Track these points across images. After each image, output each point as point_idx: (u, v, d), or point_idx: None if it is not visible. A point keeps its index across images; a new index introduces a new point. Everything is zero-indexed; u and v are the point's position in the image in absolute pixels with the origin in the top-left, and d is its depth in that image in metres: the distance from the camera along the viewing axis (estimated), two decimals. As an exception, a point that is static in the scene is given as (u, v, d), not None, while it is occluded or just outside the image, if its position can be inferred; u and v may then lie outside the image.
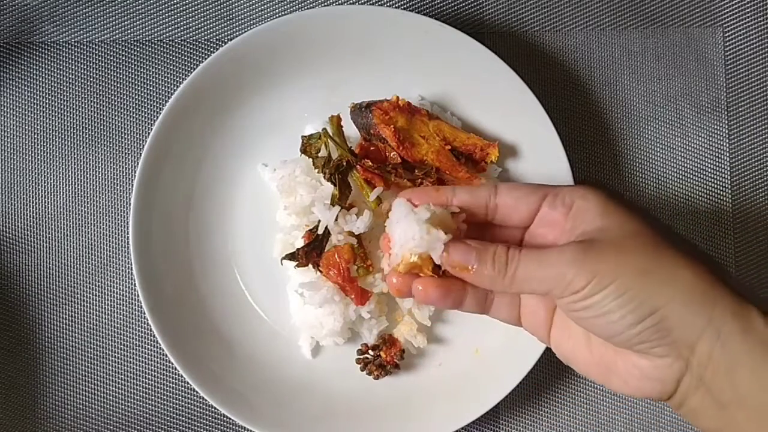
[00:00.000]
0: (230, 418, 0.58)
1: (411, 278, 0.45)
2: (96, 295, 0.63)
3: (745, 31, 0.67)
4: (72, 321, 0.63)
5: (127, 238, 0.61)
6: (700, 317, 0.39)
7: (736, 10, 0.67)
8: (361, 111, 0.58)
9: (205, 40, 0.65)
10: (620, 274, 0.39)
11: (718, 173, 0.66)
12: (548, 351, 0.57)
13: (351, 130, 0.60)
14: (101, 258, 0.64)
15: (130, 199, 0.62)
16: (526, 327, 0.48)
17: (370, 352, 0.60)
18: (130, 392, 0.63)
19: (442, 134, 0.59)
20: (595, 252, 0.40)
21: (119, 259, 0.64)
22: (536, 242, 0.46)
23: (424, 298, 0.45)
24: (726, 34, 0.67)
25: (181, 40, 0.65)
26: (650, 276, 0.39)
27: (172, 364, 0.59)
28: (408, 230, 0.44)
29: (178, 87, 0.59)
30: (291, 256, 0.58)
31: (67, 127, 0.64)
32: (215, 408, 0.58)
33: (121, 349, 0.63)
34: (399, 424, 0.60)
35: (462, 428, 0.58)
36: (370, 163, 0.57)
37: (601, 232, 0.41)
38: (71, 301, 0.63)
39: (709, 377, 0.39)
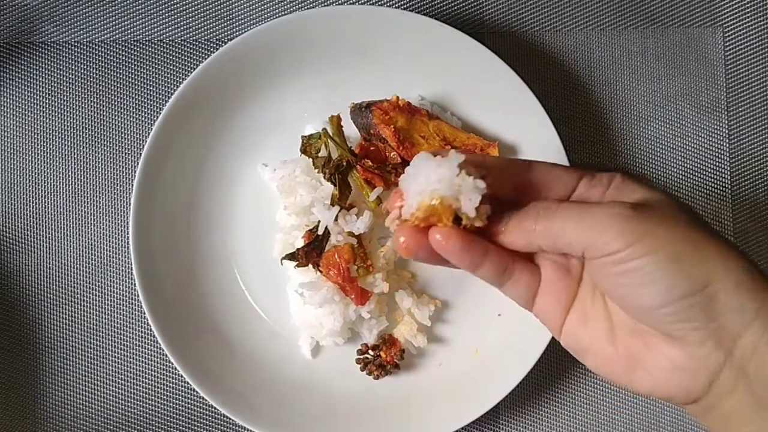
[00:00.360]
0: (230, 418, 0.58)
1: (423, 236, 0.38)
2: (96, 295, 0.63)
3: (745, 31, 0.67)
4: (72, 321, 0.63)
5: (127, 238, 0.61)
6: (750, 305, 0.35)
7: (736, 10, 0.67)
8: (361, 111, 0.58)
9: (205, 40, 0.65)
10: (673, 240, 0.36)
11: (718, 173, 0.66)
12: (548, 351, 0.58)
13: (351, 130, 0.60)
14: (101, 258, 0.64)
15: (130, 199, 0.62)
16: (538, 312, 0.42)
17: (370, 352, 0.60)
18: (130, 392, 0.63)
19: (442, 134, 0.59)
20: (646, 213, 0.36)
21: (119, 259, 0.64)
22: None
23: (443, 248, 0.38)
24: (726, 34, 0.67)
25: (181, 40, 0.65)
26: (703, 249, 0.36)
27: (172, 364, 0.59)
28: (432, 174, 0.37)
29: (178, 87, 0.59)
30: (291, 256, 0.58)
31: (67, 127, 0.64)
32: (215, 408, 0.58)
33: (121, 349, 0.63)
34: (399, 424, 0.60)
35: (462, 428, 0.58)
36: (370, 163, 0.57)
37: (647, 201, 0.38)
38: (71, 301, 0.63)
39: (753, 372, 0.35)
